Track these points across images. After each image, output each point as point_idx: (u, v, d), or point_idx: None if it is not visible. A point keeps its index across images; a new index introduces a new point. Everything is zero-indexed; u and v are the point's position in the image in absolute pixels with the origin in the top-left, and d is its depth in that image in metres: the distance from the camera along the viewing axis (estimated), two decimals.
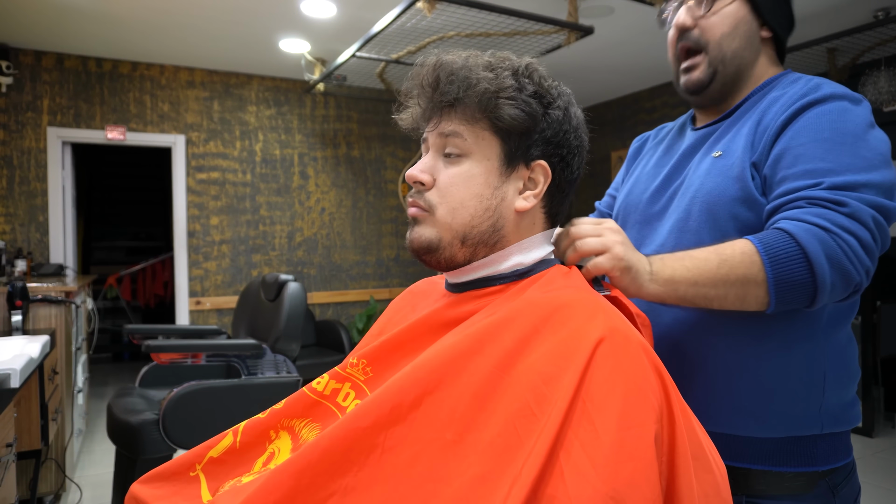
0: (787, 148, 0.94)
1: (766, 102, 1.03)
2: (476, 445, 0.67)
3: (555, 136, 0.86)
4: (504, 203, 0.85)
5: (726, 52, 1.06)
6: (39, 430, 2.29)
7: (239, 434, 0.89)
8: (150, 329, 3.07)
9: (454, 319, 0.84)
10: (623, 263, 0.86)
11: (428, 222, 0.85)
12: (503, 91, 0.82)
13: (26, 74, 4.31)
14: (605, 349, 0.69)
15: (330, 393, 0.87)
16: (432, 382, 0.72)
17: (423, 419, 0.70)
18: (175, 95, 4.76)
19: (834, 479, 0.97)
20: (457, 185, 0.84)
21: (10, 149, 4.27)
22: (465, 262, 0.87)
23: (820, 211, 0.86)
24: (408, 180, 0.87)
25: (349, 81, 4.76)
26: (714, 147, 1.06)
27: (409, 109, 0.91)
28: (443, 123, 0.85)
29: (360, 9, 3.63)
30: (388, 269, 5.58)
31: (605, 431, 0.63)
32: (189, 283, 4.79)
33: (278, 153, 5.12)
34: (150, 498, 0.87)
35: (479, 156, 0.84)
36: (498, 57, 0.87)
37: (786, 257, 0.84)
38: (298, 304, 2.75)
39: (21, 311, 2.63)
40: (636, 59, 4.58)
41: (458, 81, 0.82)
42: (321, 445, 0.70)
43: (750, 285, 0.86)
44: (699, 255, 0.89)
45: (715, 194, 0.99)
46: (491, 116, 0.83)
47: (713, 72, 1.07)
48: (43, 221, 4.35)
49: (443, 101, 0.84)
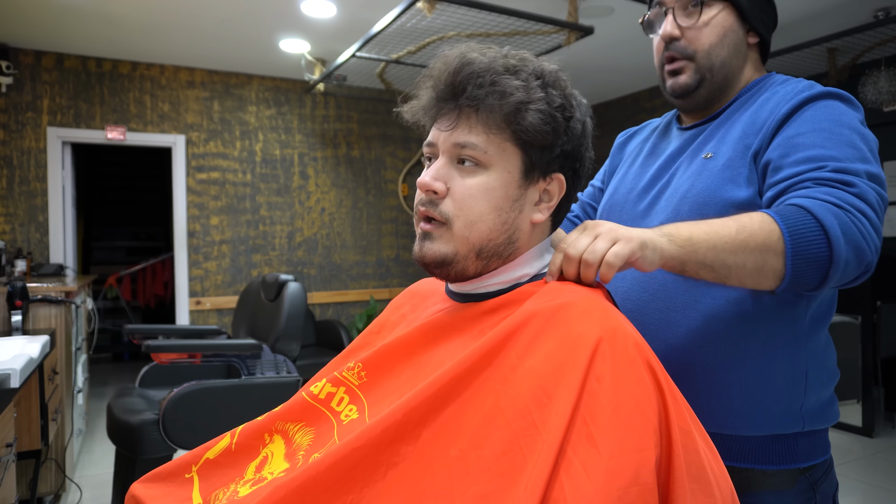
0: (788, 137, 0.95)
1: (757, 103, 1.04)
2: (479, 462, 0.66)
3: (574, 150, 0.85)
4: (521, 215, 0.83)
5: (714, 62, 1.06)
6: (39, 430, 2.29)
7: (235, 436, 0.90)
8: (151, 329, 3.06)
9: (454, 329, 0.84)
10: (637, 242, 0.81)
11: (444, 238, 0.82)
12: (533, 103, 0.79)
13: (26, 74, 4.31)
14: (604, 360, 0.68)
15: (325, 397, 0.87)
16: (438, 401, 0.72)
17: (429, 437, 0.70)
18: (175, 95, 4.76)
19: (814, 474, 1.00)
20: (475, 198, 0.80)
21: (10, 149, 4.27)
22: (476, 274, 0.85)
23: (829, 190, 0.86)
24: (420, 188, 0.84)
25: (349, 81, 4.76)
26: (703, 148, 1.07)
27: (417, 101, 0.87)
28: (460, 128, 0.81)
29: (360, 9, 3.63)
30: (388, 269, 5.58)
31: (609, 456, 0.62)
32: (189, 283, 4.79)
33: (278, 153, 5.12)
34: (147, 498, 0.87)
35: (498, 167, 0.81)
36: (518, 58, 0.83)
37: (804, 229, 0.82)
38: (298, 304, 2.75)
39: (21, 311, 2.63)
40: (636, 59, 4.58)
41: (487, 86, 0.79)
42: (326, 462, 0.70)
43: (769, 254, 0.83)
44: (715, 221, 0.86)
45: (706, 194, 0.99)
46: (515, 128, 0.80)
47: (700, 78, 1.07)
48: (43, 221, 4.35)
49: (468, 105, 0.80)
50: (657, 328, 1.03)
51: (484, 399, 0.70)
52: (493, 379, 0.71)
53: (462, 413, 0.70)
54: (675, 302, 1.02)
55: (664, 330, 1.02)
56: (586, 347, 0.68)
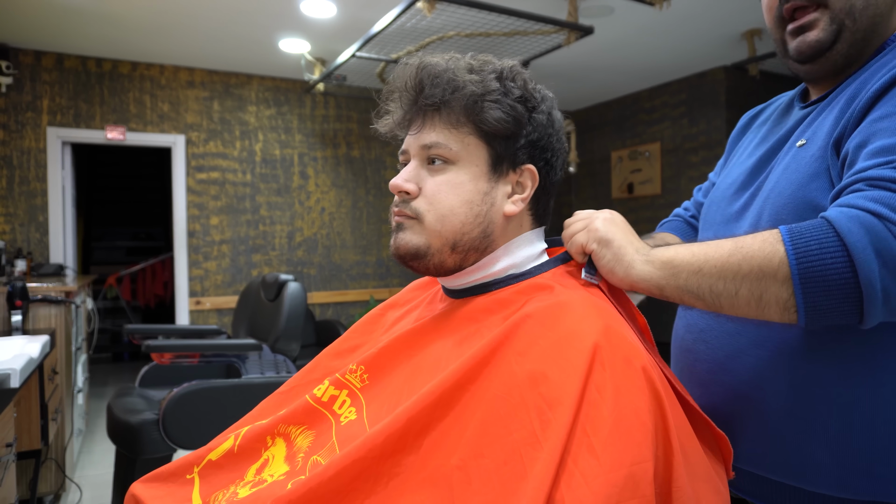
0: (872, 121, 0.74)
1: (875, 66, 0.81)
2: (480, 472, 0.66)
3: (540, 139, 0.86)
4: (494, 208, 0.84)
5: (856, 3, 0.81)
6: (39, 430, 2.29)
7: (239, 438, 0.90)
8: (151, 329, 3.07)
9: (450, 328, 0.84)
10: (599, 235, 0.77)
11: (415, 229, 0.84)
12: (489, 94, 0.81)
13: (26, 74, 4.30)
14: (603, 369, 0.67)
15: (328, 400, 0.87)
16: (439, 410, 0.72)
17: (430, 447, 0.70)
18: (175, 95, 4.76)
19: None
20: (445, 193, 0.82)
21: (10, 149, 4.27)
22: (456, 267, 0.86)
23: (879, 194, 0.66)
24: (392, 190, 0.86)
25: (349, 81, 4.76)
26: (805, 132, 0.85)
27: (388, 115, 0.89)
28: (425, 129, 0.84)
29: (360, 9, 3.63)
30: (387, 269, 5.58)
31: (610, 467, 0.62)
32: (189, 283, 4.79)
33: (278, 153, 5.12)
34: (147, 497, 0.87)
35: (466, 162, 0.83)
36: (480, 60, 0.86)
37: (818, 248, 0.65)
38: (298, 304, 2.75)
39: (21, 311, 2.63)
40: (636, 59, 4.59)
41: (443, 84, 0.81)
42: (328, 473, 0.70)
43: (768, 280, 0.67)
44: (714, 241, 0.73)
45: (786, 195, 0.81)
46: (476, 120, 0.82)
47: (837, 29, 0.82)
48: (43, 221, 4.35)
49: (427, 105, 0.83)
50: (718, 348, 0.88)
51: (482, 406, 0.70)
52: (492, 385, 0.71)
53: (461, 421, 0.70)
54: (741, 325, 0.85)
55: (725, 343, 0.87)
56: (584, 353, 0.68)
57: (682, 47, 4.35)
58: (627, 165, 5.58)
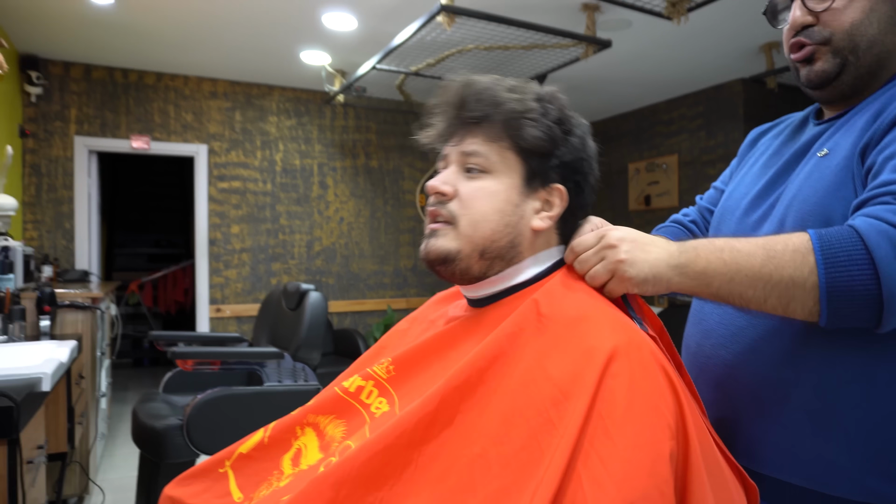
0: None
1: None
2: (500, 459, 0.69)
3: (573, 161, 0.89)
4: (523, 221, 0.87)
5: (860, 43, 0.86)
6: (66, 434, 2.35)
7: (268, 431, 0.93)
8: (173, 336, 3.12)
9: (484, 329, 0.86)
10: (635, 281, 0.78)
11: (449, 235, 0.87)
12: (528, 112, 0.86)
13: (55, 85, 4.41)
14: (620, 362, 0.71)
15: (355, 390, 0.91)
16: (462, 401, 0.75)
17: (454, 436, 0.74)
18: (198, 106, 4.85)
19: None
20: (479, 199, 0.86)
21: (39, 157, 4.37)
22: (481, 275, 0.89)
23: None
24: (428, 191, 0.90)
25: (369, 93, 4.82)
26: (826, 143, 0.88)
27: (432, 129, 0.94)
28: (466, 141, 0.88)
29: (381, 22, 3.68)
30: (405, 279, 5.62)
31: (624, 448, 0.65)
32: (209, 291, 4.86)
33: (298, 163, 5.18)
34: (185, 496, 0.90)
35: (501, 173, 0.87)
36: (521, 82, 0.91)
37: (847, 260, 0.69)
38: (319, 313, 2.79)
39: (49, 316, 2.69)
40: (653, 71, 4.60)
41: (486, 100, 0.86)
42: (360, 459, 0.73)
43: (796, 289, 0.71)
44: (742, 248, 0.75)
45: (811, 202, 0.84)
46: (514, 136, 0.86)
47: (841, 62, 0.88)
48: (69, 228, 4.44)
49: (469, 118, 0.87)
50: (745, 344, 0.90)
51: (503, 400, 0.74)
52: (512, 381, 0.75)
53: (482, 413, 0.74)
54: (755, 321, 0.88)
55: (753, 339, 0.89)
56: (602, 353, 0.72)
57: (699, 60, 4.36)
58: (645, 177, 5.58)
